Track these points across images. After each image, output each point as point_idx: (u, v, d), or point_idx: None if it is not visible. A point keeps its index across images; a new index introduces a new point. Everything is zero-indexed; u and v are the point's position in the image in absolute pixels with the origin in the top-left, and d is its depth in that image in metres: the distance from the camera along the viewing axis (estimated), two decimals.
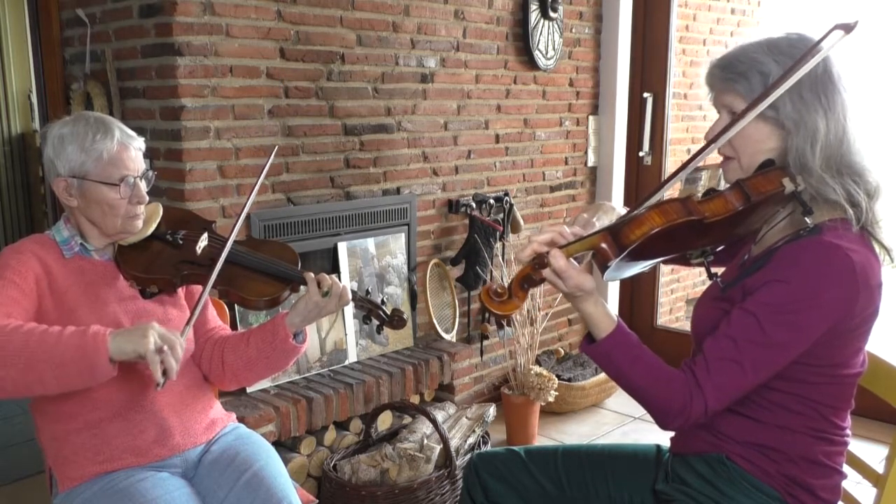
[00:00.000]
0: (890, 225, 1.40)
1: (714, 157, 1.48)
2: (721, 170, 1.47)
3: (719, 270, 1.57)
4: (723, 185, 1.42)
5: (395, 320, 1.83)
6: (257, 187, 1.74)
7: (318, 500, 1.94)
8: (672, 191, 1.47)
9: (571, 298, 1.40)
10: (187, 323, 1.58)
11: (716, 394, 1.34)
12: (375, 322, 1.83)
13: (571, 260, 1.35)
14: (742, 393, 1.37)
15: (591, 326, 1.41)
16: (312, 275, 1.72)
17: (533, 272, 1.35)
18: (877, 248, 1.39)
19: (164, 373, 1.41)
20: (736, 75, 1.38)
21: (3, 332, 1.39)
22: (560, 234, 1.40)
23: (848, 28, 1.30)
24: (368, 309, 1.83)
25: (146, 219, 1.73)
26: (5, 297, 1.50)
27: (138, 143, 1.70)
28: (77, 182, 1.63)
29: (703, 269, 1.49)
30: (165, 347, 1.41)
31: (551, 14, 3.58)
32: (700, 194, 1.35)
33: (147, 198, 1.70)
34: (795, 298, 1.31)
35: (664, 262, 1.63)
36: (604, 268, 1.35)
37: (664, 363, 1.39)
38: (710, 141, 1.40)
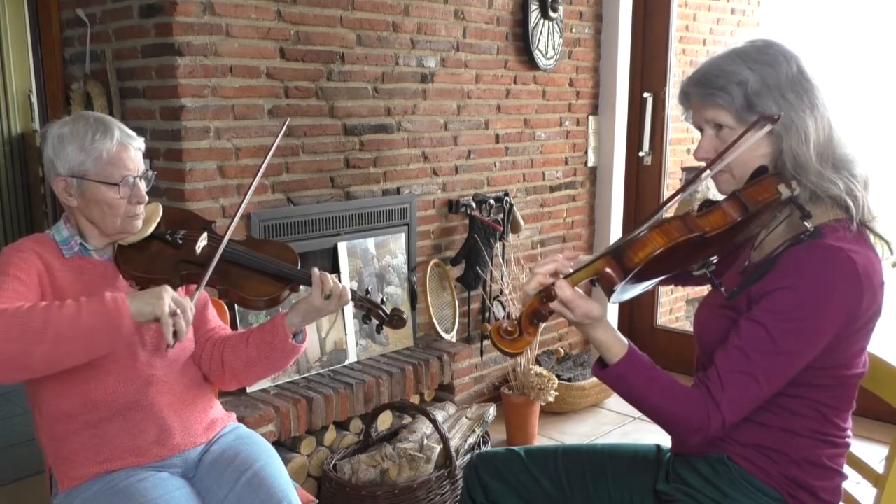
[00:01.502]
0: (887, 219, 1.40)
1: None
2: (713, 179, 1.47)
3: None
4: (715, 194, 1.42)
5: (395, 320, 1.83)
6: (264, 166, 1.77)
7: (318, 500, 1.94)
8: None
9: (580, 327, 1.39)
10: (196, 290, 1.63)
11: (732, 407, 1.34)
12: (375, 322, 1.83)
13: (576, 288, 1.34)
14: (758, 403, 1.37)
15: (603, 352, 1.40)
16: (317, 271, 1.72)
17: (541, 306, 1.34)
18: (876, 243, 1.39)
19: (175, 335, 1.48)
20: (715, 90, 1.39)
21: (20, 312, 1.41)
22: (562, 262, 1.40)
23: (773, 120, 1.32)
24: (368, 308, 1.83)
25: (146, 219, 1.73)
26: (11, 291, 1.51)
27: (138, 143, 1.70)
28: (77, 181, 1.63)
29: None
30: (178, 310, 1.48)
31: (551, 14, 3.57)
32: (696, 207, 1.35)
33: (147, 198, 1.70)
34: (802, 304, 1.31)
35: (667, 281, 1.63)
36: (609, 292, 1.35)
37: (678, 382, 1.39)
38: (707, 166, 1.39)
